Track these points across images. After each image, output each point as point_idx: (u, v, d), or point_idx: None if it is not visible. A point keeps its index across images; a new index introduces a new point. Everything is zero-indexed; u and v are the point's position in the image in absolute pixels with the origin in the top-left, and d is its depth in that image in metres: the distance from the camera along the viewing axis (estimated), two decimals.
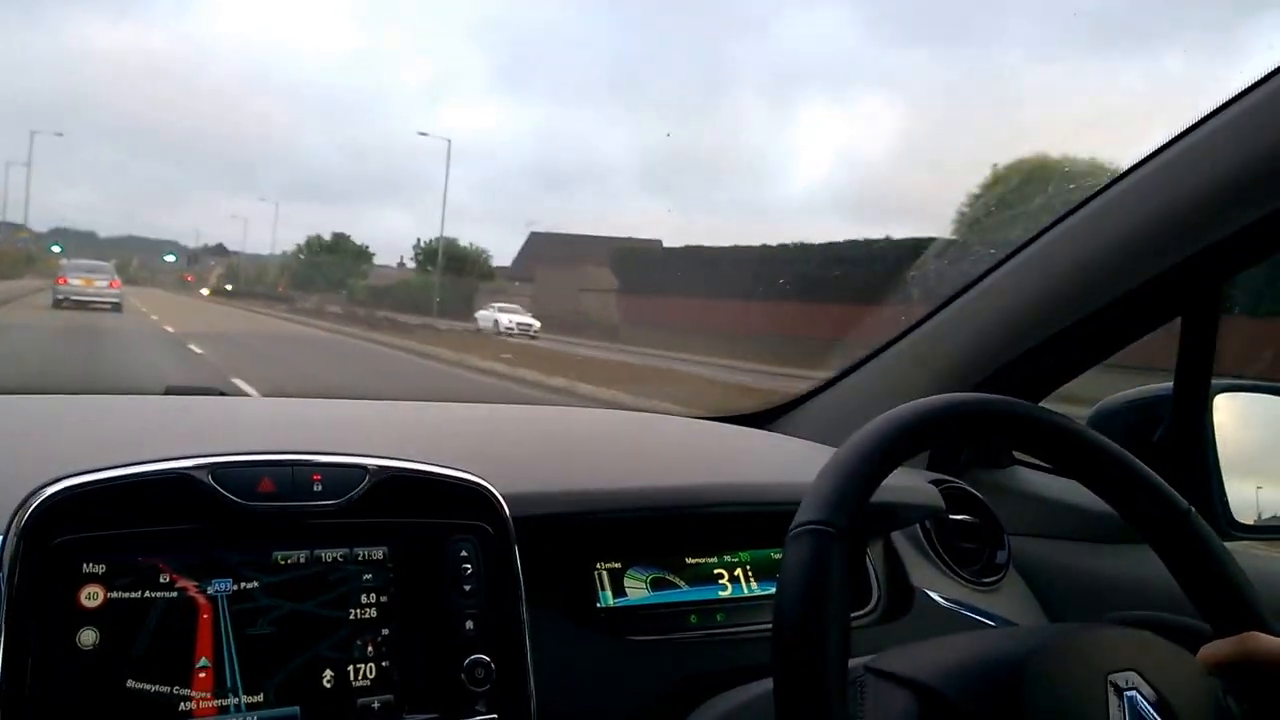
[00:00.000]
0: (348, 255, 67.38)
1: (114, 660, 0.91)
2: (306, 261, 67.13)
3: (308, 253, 68.61)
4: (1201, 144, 1.35)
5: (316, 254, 67.39)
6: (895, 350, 1.83)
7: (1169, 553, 0.94)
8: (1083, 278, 1.51)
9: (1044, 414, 0.94)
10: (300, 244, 69.55)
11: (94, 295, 23.34)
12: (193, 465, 0.97)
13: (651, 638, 1.24)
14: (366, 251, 69.28)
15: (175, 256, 55.40)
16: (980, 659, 0.84)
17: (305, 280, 62.64)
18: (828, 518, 0.80)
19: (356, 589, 1.03)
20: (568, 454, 1.60)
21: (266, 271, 66.40)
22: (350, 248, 68.55)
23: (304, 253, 68.70)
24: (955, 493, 1.57)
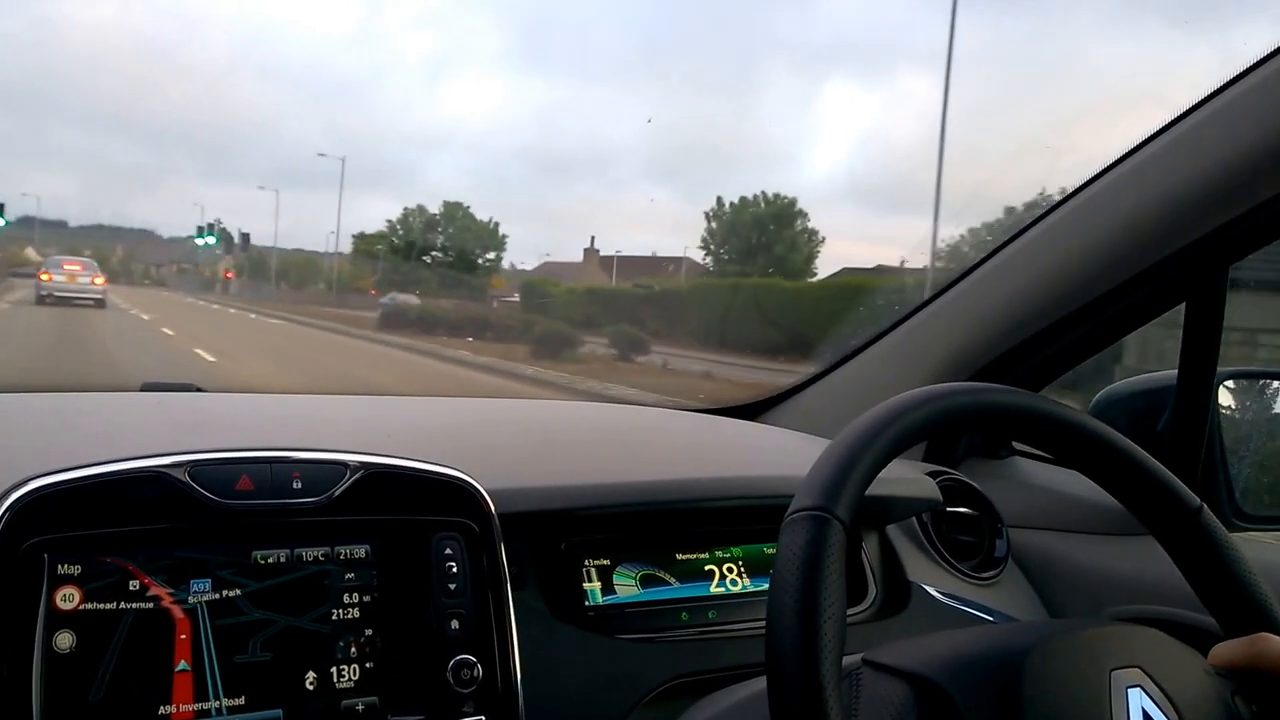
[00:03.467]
0: (469, 237, 50.93)
1: (91, 663, 0.90)
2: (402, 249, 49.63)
3: (403, 236, 50.56)
4: (1205, 126, 1.33)
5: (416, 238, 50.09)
6: (891, 339, 1.82)
7: (1179, 550, 0.92)
8: (1085, 263, 1.49)
9: (1050, 405, 0.92)
10: (394, 220, 52.25)
11: (77, 291, 23.36)
12: (169, 463, 0.96)
13: (641, 636, 1.23)
14: (495, 232, 51.81)
15: (215, 239, 41.45)
16: (980, 652, 0.83)
17: (403, 280, 44.97)
18: (825, 504, 0.78)
19: (338, 588, 1.02)
20: (553, 448, 1.58)
21: (314, 268, 51.22)
22: (476, 226, 51.57)
23: (396, 237, 50.51)
24: (953, 484, 1.55)
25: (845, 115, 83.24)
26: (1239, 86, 1.29)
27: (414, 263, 49.10)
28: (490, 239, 52.84)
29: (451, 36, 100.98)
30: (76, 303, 22.54)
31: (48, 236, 47.92)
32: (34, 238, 46.53)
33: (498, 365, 16.24)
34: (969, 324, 1.67)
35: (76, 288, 23.32)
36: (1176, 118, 1.36)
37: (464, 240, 51.54)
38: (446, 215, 52.81)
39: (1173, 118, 1.37)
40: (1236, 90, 1.29)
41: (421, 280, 46.36)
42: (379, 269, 48.46)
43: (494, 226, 53.23)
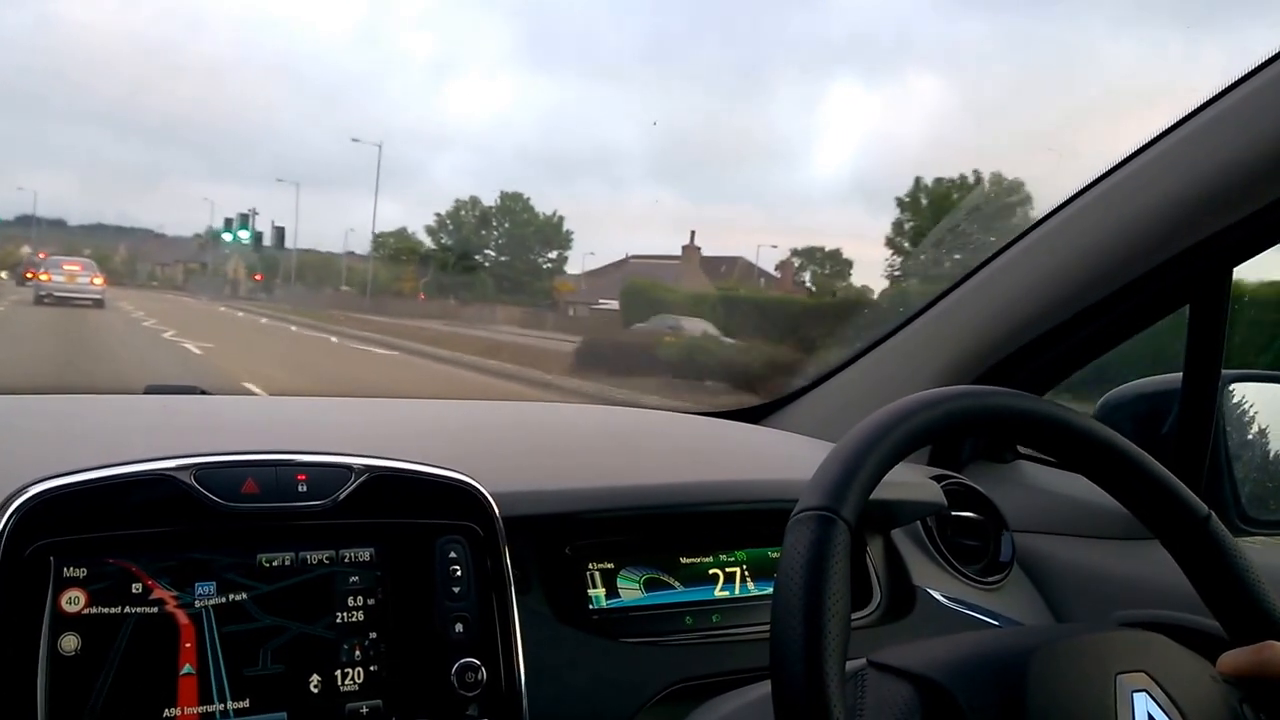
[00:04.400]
0: (530, 233, 46.16)
1: (96, 666, 0.90)
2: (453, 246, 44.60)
3: (454, 231, 45.85)
4: (1210, 129, 1.33)
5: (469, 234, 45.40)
6: (894, 342, 1.81)
7: (1186, 558, 0.92)
8: (1089, 266, 1.49)
9: (1054, 409, 0.92)
10: (443, 214, 46.59)
11: (76, 291, 23.34)
12: (174, 466, 0.96)
13: (645, 640, 1.22)
14: (560, 227, 47.13)
15: (248, 232, 34.50)
16: (985, 654, 0.83)
17: (453, 283, 41.49)
18: (830, 504, 0.78)
19: (343, 591, 1.02)
20: (558, 452, 1.58)
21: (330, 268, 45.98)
22: (538, 220, 46.81)
23: (444, 234, 45.54)
24: (957, 488, 1.55)
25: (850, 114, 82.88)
26: (1242, 89, 1.29)
27: (461, 263, 43.85)
28: (554, 235, 48.02)
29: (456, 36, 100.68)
30: (75, 303, 22.54)
31: (46, 235, 45.70)
32: (31, 236, 44.40)
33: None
34: (973, 327, 1.67)
35: (75, 288, 23.31)
36: (1180, 120, 1.36)
37: (523, 237, 47.20)
38: (502, 208, 48.08)
39: (1176, 120, 1.37)
40: (1240, 93, 1.29)
41: (475, 283, 42.14)
42: (428, 270, 43.49)
43: (558, 220, 48.10)
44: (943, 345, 1.71)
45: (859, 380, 1.87)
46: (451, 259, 44.54)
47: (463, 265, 44.71)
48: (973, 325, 1.67)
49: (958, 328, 1.69)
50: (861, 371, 1.87)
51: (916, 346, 1.77)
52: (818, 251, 44.87)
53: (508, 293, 41.91)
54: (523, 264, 46.40)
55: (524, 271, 45.79)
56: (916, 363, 1.75)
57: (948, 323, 1.72)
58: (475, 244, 46.56)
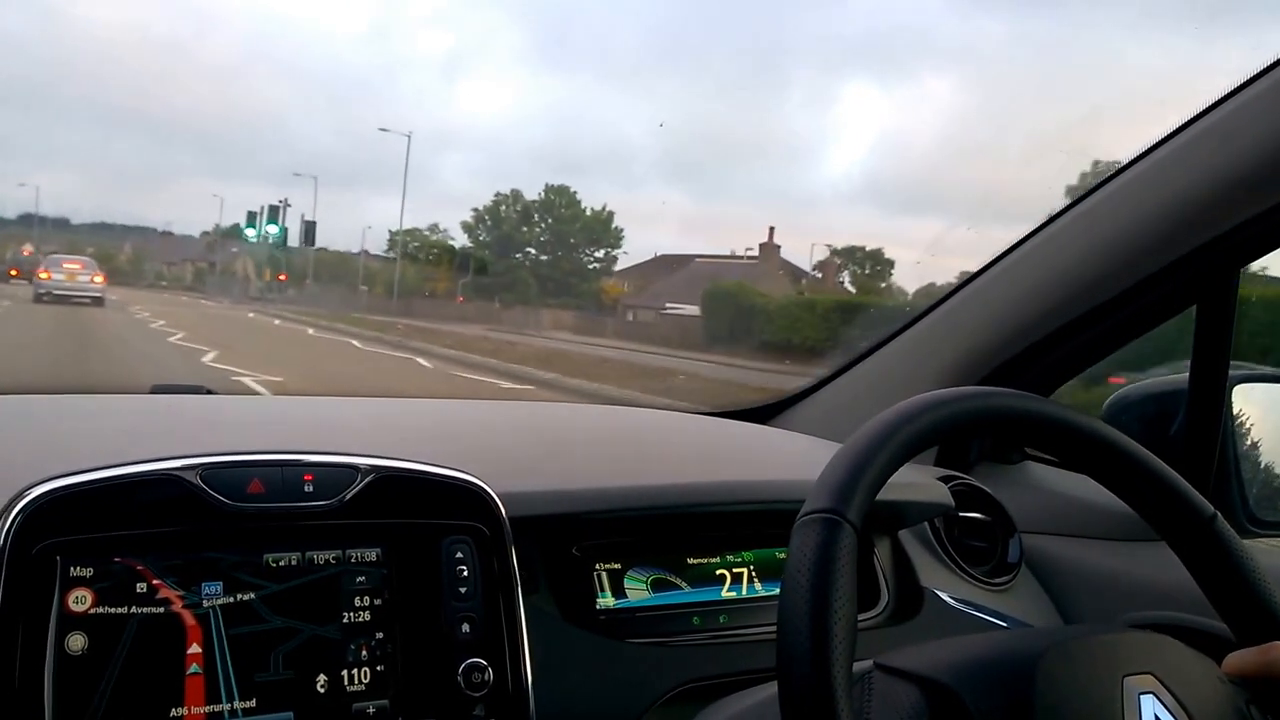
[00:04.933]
0: (576, 230, 42.38)
1: (103, 665, 0.90)
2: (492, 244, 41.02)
3: (493, 227, 42.23)
4: (1216, 128, 1.33)
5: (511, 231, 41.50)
6: (900, 343, 1.81)
7: (1192, 558, 0.92)
8: (1095, 266, 1.48)
9: (1060, 410, 0.92)
10: (480, 209, 43.12)
11: (76, 290, 23.31)
12: (181, 466, 0.96)
13: (652, 640, 1.22)
14: (609, 223, 42.98)
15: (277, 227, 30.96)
16: (992, 657, 0.82)
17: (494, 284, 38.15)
18: (837, 506, 0.78)
19: (349, 592, 1.02)
20: (565, 452, 1.58)
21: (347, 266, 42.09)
22: (585, 217, 42.82)
23: (483, 230, 42.20)
24: (965, 489, 1.55)
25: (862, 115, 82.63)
26: (1250, 90, 1.29)
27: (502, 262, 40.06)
28: (602, 232, 43.78)
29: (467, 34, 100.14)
30: (75, 300, 22.50)
31: (49, 234, 43.92)
32: (34, 235, 42.73)
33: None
34: (980, 327, 1.66)
35: (75, 286, 23.25)
36: (1188, 121, 1.36)
37: (568, 234, 43.49)
38: (545, 203, 44.16)
39: (1184, 121, 1.36)
40: (1248, 94, 1.29)
41: (516, 284, 38.96)
42: (467, 270, 39.60)
43: (607, 216, 43.75)
44: (950, 345, 1.71)
45: (866, 380, 1.87)
46: (492, 258, 41.79)
47: (504, 264, 41.84)
48: (980, 325, 1.66)
49: (965, 327, 1.69)
50: (868, 371, 1.87)
51: (923, 346, 1.77)
52: (858, 251, 42.49)
53: (551, 294, 38.92)
54: (569, 263, 43.08)
55: (569, 272, 42.37)
56: (923, 363, 1.75)
57: (955, 322, 1.71)
58: (517, 241, 43.25)
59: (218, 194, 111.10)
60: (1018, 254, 1.60)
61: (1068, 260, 1.52)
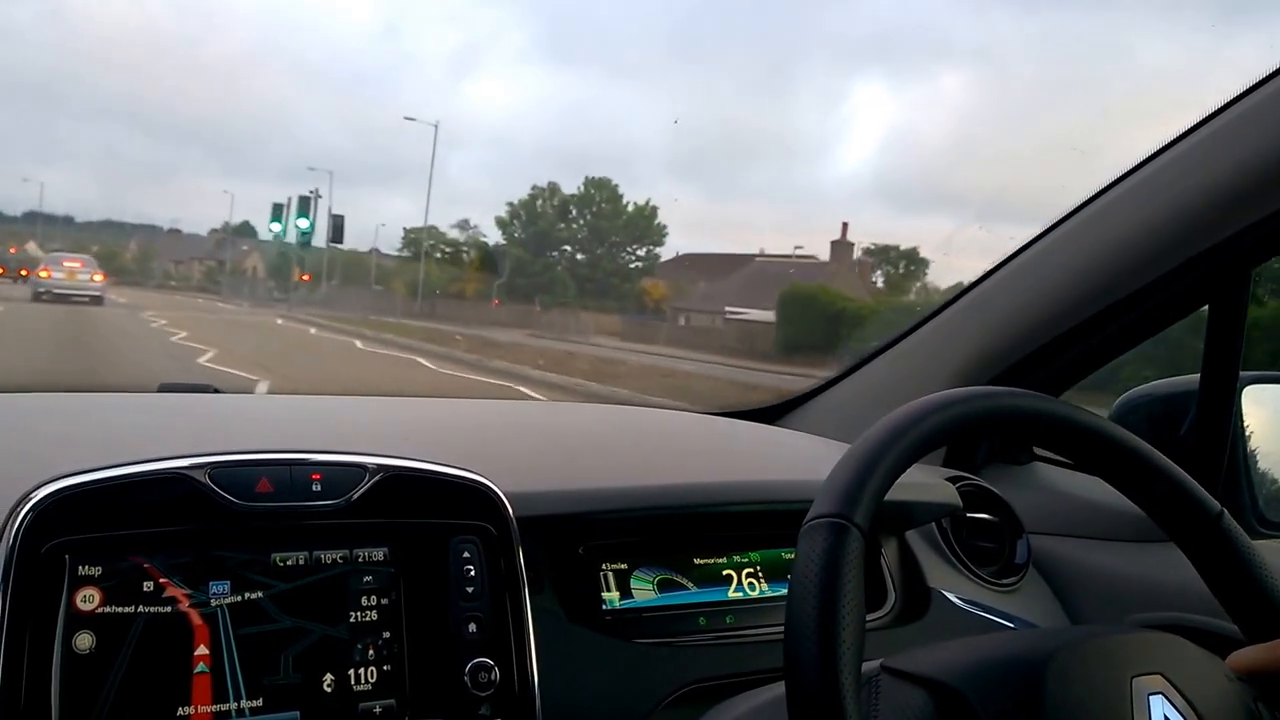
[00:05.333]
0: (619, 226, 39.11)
1: (111, 664, 0.90)
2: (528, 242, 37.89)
3: (527, 223, 39.21)
4: (1228, 128, 1.32)
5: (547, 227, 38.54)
6: (910, 342, 1.81)
7: (1199, 556, 0.92)
8: (1106, 266, 1.48)
9: (1070, 410, 0.91)
10: (515, 203, 39.84)
11: (76, 288, 23.17)
12: (189, 465, 0.97)
13: (659, 640, 1.22)
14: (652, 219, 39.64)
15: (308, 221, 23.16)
16: (1000, 659, 0.82)
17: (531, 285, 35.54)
18: (843, 510, 0.78)
19: (357, 591, 1.02)
20: (572, 452, 1.58)
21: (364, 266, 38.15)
22: (627, 212, 39.56)
23: (517, 225, 39.05)
24: (973, 490, 1.55)
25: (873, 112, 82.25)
26: (1264, 90, 1.28)
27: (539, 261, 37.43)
28: (645, 229, 40.27)
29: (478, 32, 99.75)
30: (74, 299, 22.36)
31: (54, 232, 42.42)
32: (37, 232, 41.38)
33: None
34: (990, 327, 1.66)
35: (75, 285, 23.03)
36: (1200, 121, 1.36)
37: (608, 230, 40.28)
38: (584, 197, 40.84)
39: (1197, 120, 1.36)
40: (1261, 93, 1.29)
41: (554, 284, 36.71)
42: (503, 268, 36.14)
43: (651, 211, 40.25)
44: (962, 345, 1.71)
45: (875, 381, 1.87)
46: (528, 256, 38.36)
47: (540, 263, 38.52)
48: (990, 326, 1.66)
49: (977, 327, 1.69)
50: (877, 372, 1.87)
51: (933, 347, 1.77)
52: (892, 250, 40.06)
53: (591, 296, 36.47)
54: (610, 263, 39.78)
55: (610, 271, 39.15)
56: (933, 363, 1.75)
57: (965, 323, 1.71)
58: (553, 239, 40.01)
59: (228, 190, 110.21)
60: (1029, 254, 1.60)
61: (1080, 261, 1.51)
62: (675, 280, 37.42)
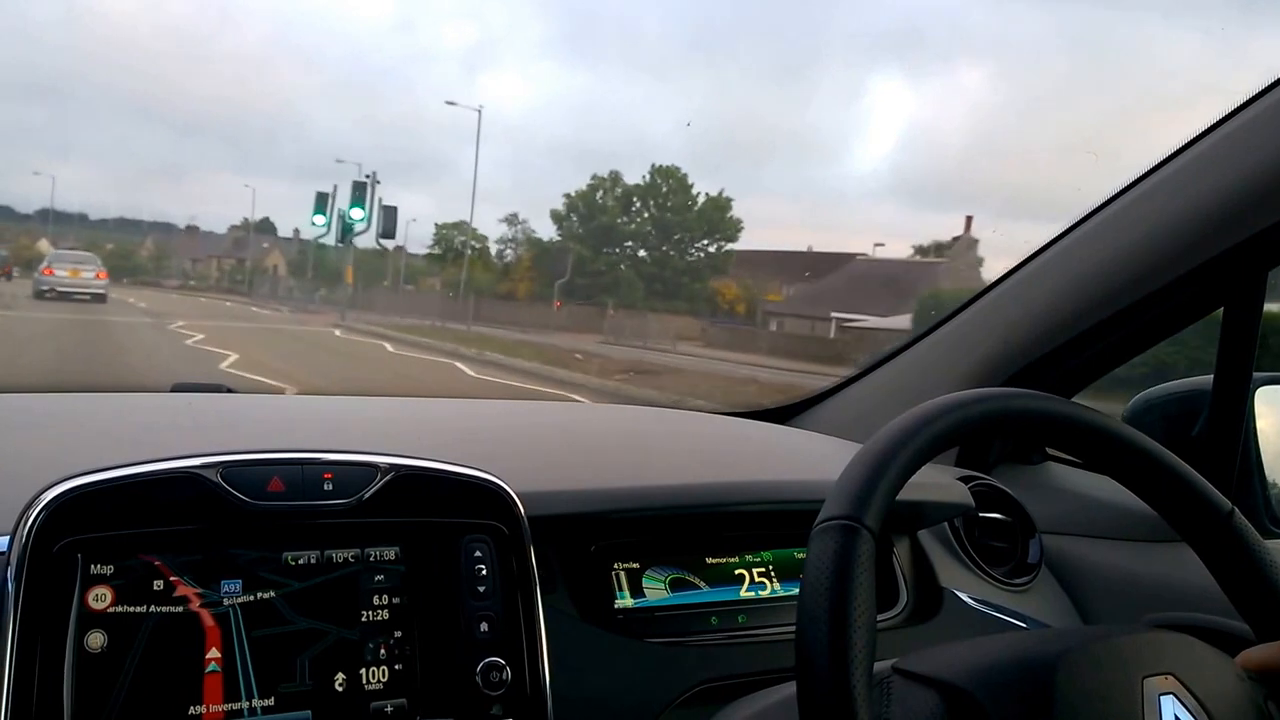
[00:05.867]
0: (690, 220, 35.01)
1: (122, 663, 0.90)
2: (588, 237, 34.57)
3: (588, 216, 35.67)
4: (1244, 130, 1.32)
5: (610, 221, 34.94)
6: (925, 344, 1.81)
7: (1210, 554, 0.92)
8: (1121, 268, 1.48)
9: (1079, 410, 0.91)
10: (573, 194, 36.34)
11: (79, 286, 23.11)
12: (201, 464, 0.97)
13: (671, 640, 1.22)
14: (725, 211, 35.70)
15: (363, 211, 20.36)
16: (1011, 660, 0.82)
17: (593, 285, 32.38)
18: (854, 513, 0.78)
19: (368, 590, 1.02)
20: (584, 451, 1.58)
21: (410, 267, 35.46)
22: (700, 205, 35.69)
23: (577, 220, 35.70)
24: (985, 490, 1.54)
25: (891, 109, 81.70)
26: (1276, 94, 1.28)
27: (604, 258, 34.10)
28: (719, 222, 36.23)
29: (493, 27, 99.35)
30: (76, 297, 22.29)
31: (66, 229, 41.10)
32: (49, 230, 40.33)
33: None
34: (1004, 329, 1.66)
35: (78, 283, 22.96)
36: (1216, 123, 1.35)
37: (679, 224, 36.32)
38: (649, 188, 36.98)
39: (1212, 123, 1.36)
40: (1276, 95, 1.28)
41: (620, 285, 33.14)
42: (565, 266, 32.62)
43: (724, 202, 36.11)
44: (975, 347, 1.70)
45: (888, 381, 1.87)
46: (589, 253, 35.02)
47: (603, 261, 35.09)
48: (1006, 327, 1.66)
49: (991, 329, 1.69)
50: (891, 373, 1.87)
51: (947, 348, 1.76)
52: (945, 248, 35.91)
53: (659, 297, 32.80)
54: (680, 260, 35.89)
55: (681, 270, 35.13)
56: (947, 364, 1.75)
57: (981, 324, 1.71)
58: (617, 234, 36.11)
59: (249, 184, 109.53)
60: (1045, 257, 1.60)
61: (1096, 263, 1.51)
62: (745, 279, 34.55)
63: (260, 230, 45.28)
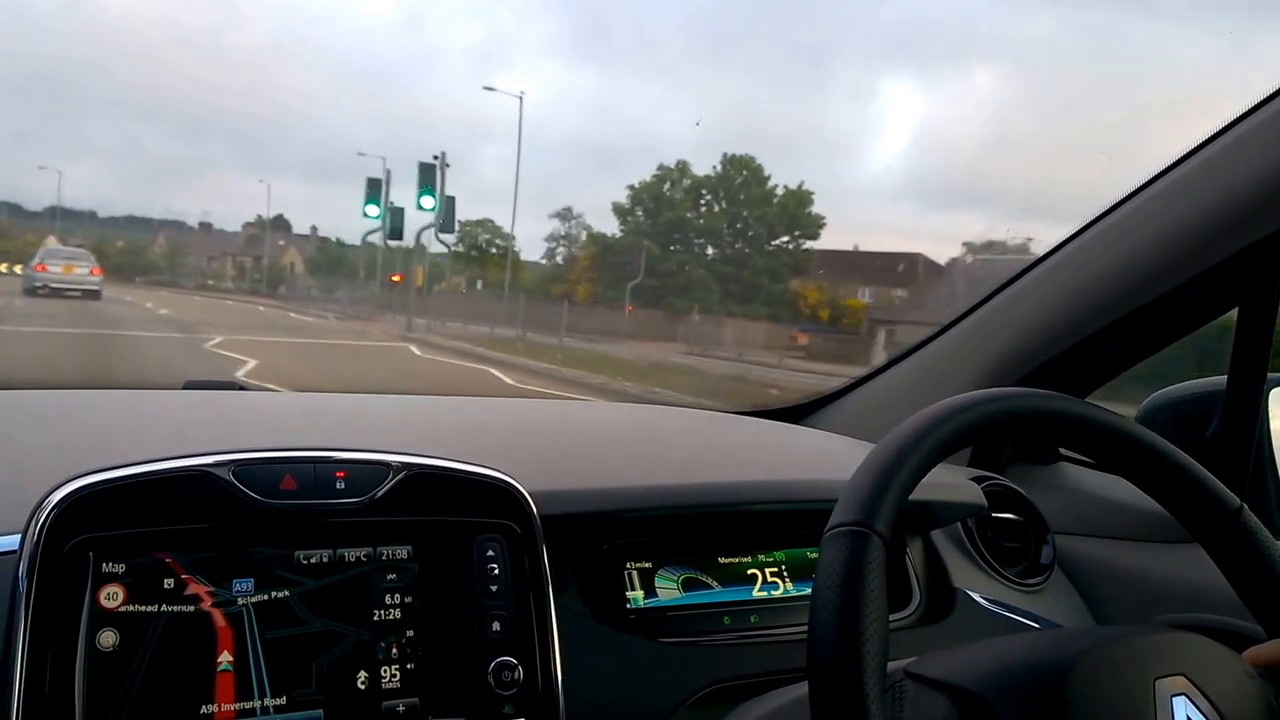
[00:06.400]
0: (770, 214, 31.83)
1: (134, 661, 0.90)
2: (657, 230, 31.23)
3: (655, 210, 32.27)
4: (1259, 131, 1.31)
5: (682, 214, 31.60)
6: (938, 344, 1.80)
7: (1220, 551, 0.92)
8: (1135, 268, 1.47)
9: (1090, 410, 0.91)
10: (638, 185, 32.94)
11: (72, 283, 23.04)
12: (213, 462, 0.96)
13: (683, 639, 1.22)
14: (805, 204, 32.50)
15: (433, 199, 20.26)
16: (1023, 663, 0.82)
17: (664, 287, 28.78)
18: (865, 518, 0.78)
19: (380, 589, 1.02)
20: (597, 450, 1.58)
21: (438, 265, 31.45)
22: (779, 196, 32.64)
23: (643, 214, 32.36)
24: (998, 490, 1.54)
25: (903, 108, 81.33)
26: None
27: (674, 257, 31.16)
28: (798, 217, 33.26)
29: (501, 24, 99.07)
30: (69, 294, 22.22)
31: (74, 226, 39.86)
32: (57, 227, 38.81)
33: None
34: (1017, 328, 1.65)
35: (72, 279, 22.91)
36: (1230, 123, 1.35)
37: (755, 219, 33.61)
38: (721, 179, 34.19)
39: (1227, 122, 1.35)
40: None
41: (694, 286, 30.12)
42: (636, 265, 29.20)
43: (804, 196, 33.15)
44: (988, 346, 1.70)
45: (901, 381, 1.86)
46: (658, 251, 31.79)
47: (674, 260, 32.06)
48: (1019, 327, 1.65)
49: (1004, 329, 1.68)
50: (903, 372, 1.86)
51: (960, 348, 1.76)
52: (997, 246, 36.50)
53: (735, 300, 29.89)
54: (760, 259, 32.77)
55: (760, 270, 31.94)
56: (959, 364, 1.74)
57: (992, 324, 1.71)
58: (687, 230, 33.07)
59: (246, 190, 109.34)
60: (1059, 256, 1.59)
61: (1109, 263, 1.50)
62: (821, 281, 31.40)
63: (275, 227, 44.27)
